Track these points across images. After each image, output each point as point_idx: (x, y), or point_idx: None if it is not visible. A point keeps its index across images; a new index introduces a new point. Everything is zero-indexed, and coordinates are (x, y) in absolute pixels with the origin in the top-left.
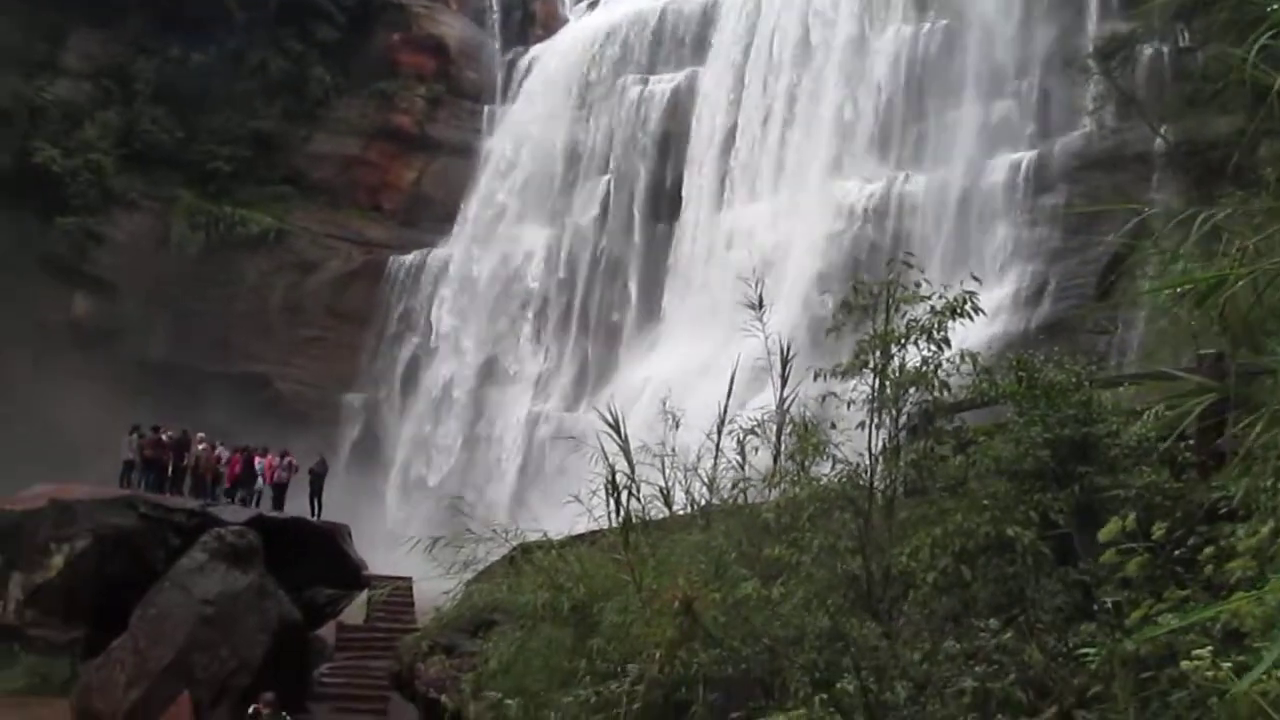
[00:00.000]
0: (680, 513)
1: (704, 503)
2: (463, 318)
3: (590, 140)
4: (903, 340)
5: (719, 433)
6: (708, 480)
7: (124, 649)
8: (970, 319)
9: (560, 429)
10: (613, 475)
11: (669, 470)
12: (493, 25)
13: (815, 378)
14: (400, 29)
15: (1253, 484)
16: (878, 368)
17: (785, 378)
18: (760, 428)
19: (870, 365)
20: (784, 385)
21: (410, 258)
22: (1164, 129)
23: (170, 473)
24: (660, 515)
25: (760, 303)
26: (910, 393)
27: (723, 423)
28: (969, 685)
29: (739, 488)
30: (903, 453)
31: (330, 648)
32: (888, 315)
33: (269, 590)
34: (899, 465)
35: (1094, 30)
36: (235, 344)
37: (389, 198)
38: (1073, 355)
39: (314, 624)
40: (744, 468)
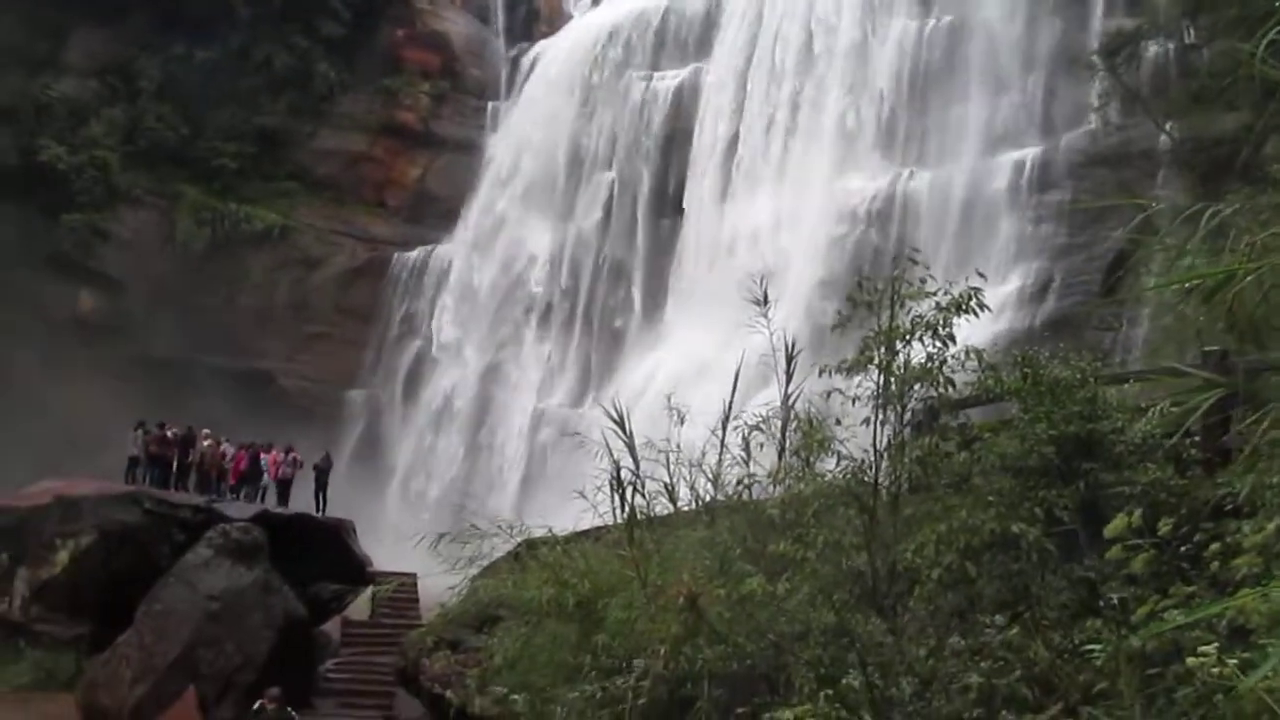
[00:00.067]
0: (685, 509)
1: (709, 499)
2: (464, 328)
3: (593, 142)
4: (908, 336)
5: (724, 428)
6: (712, 476)
7: (129, 645)
8: (975, 315)
9: (564, 426)
10: (617, 471)
11: (674, 466)
12: (497, 21)
13: (820, 374)
14: (405, 25)
15: (1258, 480)
16: (883, 364)
17: (790, 373)
18: (765, 424)
19: (875, 361)
20: (789, 381)
21: (414, 255)
22: (1169, 126)
23: (175, 469)
24: (665, 511)
25: (765, 298)
26: (915, 389)
27: (727, 418)
28: (974, 681)
29: (744, 484)
30: (908, 449)
31: (335, 643)
32: (893, 311)
33: (274, 586)
34: (904, 461)
35: (1099, 27)
36: (240, 340)
37: (393, 194)
38: (1078, 352)
39: (319, 619)
40: (749, 464)
